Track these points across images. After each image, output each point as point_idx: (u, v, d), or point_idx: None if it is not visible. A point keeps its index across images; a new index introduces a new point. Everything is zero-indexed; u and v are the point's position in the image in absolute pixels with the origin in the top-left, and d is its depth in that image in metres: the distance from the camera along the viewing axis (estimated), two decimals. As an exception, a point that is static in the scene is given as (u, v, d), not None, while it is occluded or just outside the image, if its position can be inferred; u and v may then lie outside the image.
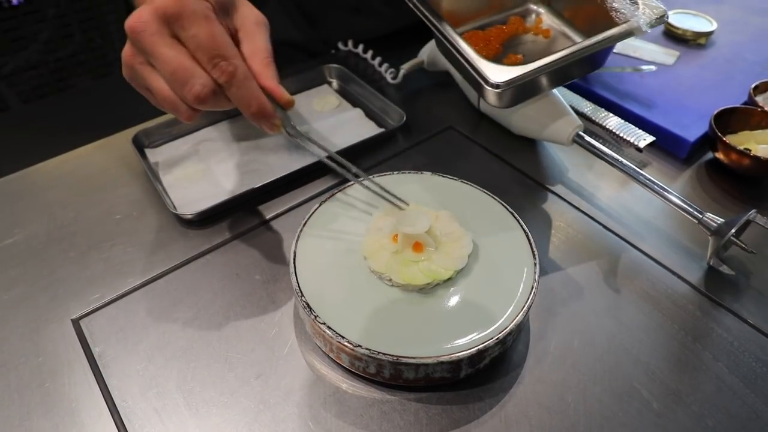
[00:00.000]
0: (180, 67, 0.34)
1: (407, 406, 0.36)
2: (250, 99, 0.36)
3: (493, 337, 0.35)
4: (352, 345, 0.34)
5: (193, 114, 0.37)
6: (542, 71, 0.47)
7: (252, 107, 0.37)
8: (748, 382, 0.38)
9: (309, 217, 0.43)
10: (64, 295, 0.43)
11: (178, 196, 0.50)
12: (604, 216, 0.50)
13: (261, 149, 0.55)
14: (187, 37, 0.35)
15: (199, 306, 0.42)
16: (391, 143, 0.58)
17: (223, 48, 0.35)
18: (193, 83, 0.34)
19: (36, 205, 0.50)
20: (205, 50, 0.34)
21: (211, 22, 0.35)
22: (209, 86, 0.35)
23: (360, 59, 0.71)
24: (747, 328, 0.41)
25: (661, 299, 0.43)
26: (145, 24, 0.34)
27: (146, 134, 0.56)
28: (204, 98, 0.35)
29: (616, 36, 0.49)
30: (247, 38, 0.38)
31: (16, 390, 0.37)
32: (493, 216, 0.44)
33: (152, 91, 0.36)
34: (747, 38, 0.75)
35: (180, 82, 0.34)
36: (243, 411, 0.36)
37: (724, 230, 0.43)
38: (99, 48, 1.81)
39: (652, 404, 0.37)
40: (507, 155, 0.57)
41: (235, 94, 0.36)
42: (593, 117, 0.58)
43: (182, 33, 0.35)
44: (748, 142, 0.54)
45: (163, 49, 0.34)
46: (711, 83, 0.65)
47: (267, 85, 0.38)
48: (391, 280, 0.38)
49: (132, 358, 0.39)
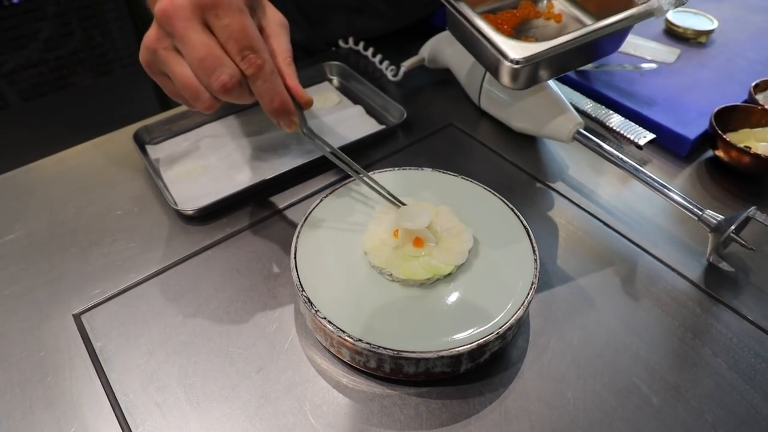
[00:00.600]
0: (209, 55, 0.34)
1: (407, 400, 0.36)
2: (274, 94, 0.37)
3: (493, 332, 0.35)
4: (352, 339, 0.35)
5: (213, 104, 0.37)
6: (561, 49, 0.46)
7: (275, 102, 0.37)
8: (747, 378, 0.38)
9: (309, 213, 0.43)
10: (66, 290, 0.43)
11: (179, 193, 0.50)
12: (605, 213, 0.50)
13: (261, 146, 0.56)
14: (221, 26, 0.35)
15: (200, 301, 0.42)
16: (392, 140, 0.58)
17: (254, 41, 0.35)
18: (220, 72, 0.34)
19: (37, 202, 0.50)
20: (236, 41, 0.35)
21: (245, 14, 0.35)
22: (236, 77, 0.35)
23: (360, 57, 0.71)
24: (746, 325, 0.42)
25: (661, 296, 0.43)
26: (178, 9, 0.34)
27: (147, 131, 0.56)
28: (230, 88, 0.35)
29: (635, 16, 0.48)
30: (272, 37, 0.39)
31: (18, 384, 0.37)
32: (493, 212, 0.44)
33: (173, 77, 0.36)
34: (748, 36, 0.75)
35: (207, 70, 0.34)
36: (244, 405, 0.36)
37: (723, 227, 0.43)
38: (99, 46, 1.81)
39: (652, 399, 0.37)
40: (507, 152, 0.57)
41: (261, 87, 0.36)
42: (594, 114, 0.58)
43: (215, 22, 0.35)
44: (748, 139, 0.55)
45: (194, 35, 0.34)
46: (711, 81, 0.65)
47: (289, 83, 0.38)
48: (392, 275, 0.38)
49: (133, 352, 0.39)
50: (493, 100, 0.58)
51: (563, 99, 0.54)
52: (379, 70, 0.68)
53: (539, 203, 0.52)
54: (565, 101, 0.53)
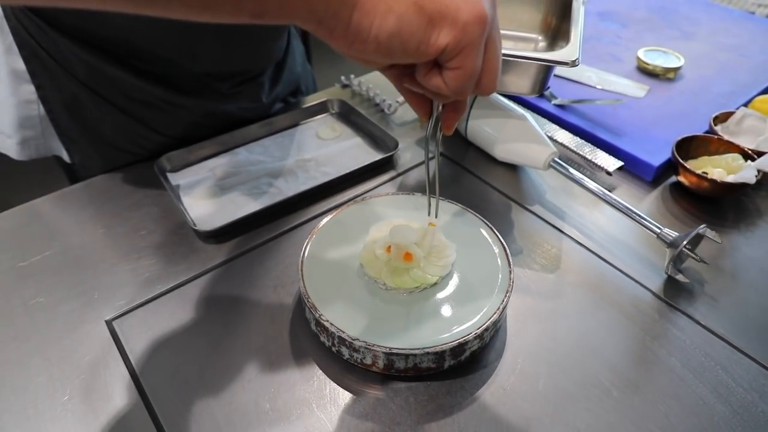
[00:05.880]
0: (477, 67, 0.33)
1: (399, 393, 0.42)
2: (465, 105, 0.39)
3: (471, 332, 0.41)
4: (351, 339, 0.40)
5: None
6: None
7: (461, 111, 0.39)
8: (698, 374, 0.44)
9: (315, 231, 0.49)
10: (98, 300, 0.49)
11: (198, 214, 0.56)
12: (576, 232, 0.56)
13: (271, 173, 0.62)
14: (496, 39, 0.34)
15: (217, 309, 0.48)
16: (387, 168, 0.65)
17: None
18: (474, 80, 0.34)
19: (71, 222, 0.57)
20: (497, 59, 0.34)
21: None
22: None
23: (359, 93, 0.78)
24: (699, 329, 0.47)
25: (625, 304, 0.49)
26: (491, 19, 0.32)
27: (168, 159, 0.62)
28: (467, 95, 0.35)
29: None
30: None
31: (58, 380, 0.43)
32: (475, 231, 0.50)
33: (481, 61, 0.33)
34: (713, 72, 0.82)
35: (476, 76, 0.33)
36: (256, 397, 0.41)
37: (678, 243, 0.49)
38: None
39: (613, 392, 0.42)
40: (490, 178, 0.63)
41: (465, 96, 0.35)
42: (568, 144, 0.65)
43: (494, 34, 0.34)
44: (706, 166, 0.61)
45: None
46: (677, 114, 0.72)
47: None
48: (385, 285, 0.44)
49: (159, 353, 0.44)
50: (478, 132, 0.65)
51: (540, 131, 0.60)
52: (376, 105, 0.75)
53: (518, 224, 0.58)
54: (542, 133, 0.60)
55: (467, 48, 0.31)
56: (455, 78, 0.32)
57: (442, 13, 0.30)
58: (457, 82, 0.33)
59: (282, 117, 0.70)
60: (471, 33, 0.30)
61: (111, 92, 0.59)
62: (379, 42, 0.30)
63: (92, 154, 0.63)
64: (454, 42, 0.30)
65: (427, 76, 0.33)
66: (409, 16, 0.29)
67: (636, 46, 0.85)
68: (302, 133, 0.69)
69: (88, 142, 0.62)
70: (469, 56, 0.31)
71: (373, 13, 0.29)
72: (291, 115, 0.70)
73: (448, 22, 0.30)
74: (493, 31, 0.33)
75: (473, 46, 0.31)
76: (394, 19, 0.29)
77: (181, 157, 0.63)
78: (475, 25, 0.30)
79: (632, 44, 0.87)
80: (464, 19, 0.30)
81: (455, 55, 0.31)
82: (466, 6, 0.30)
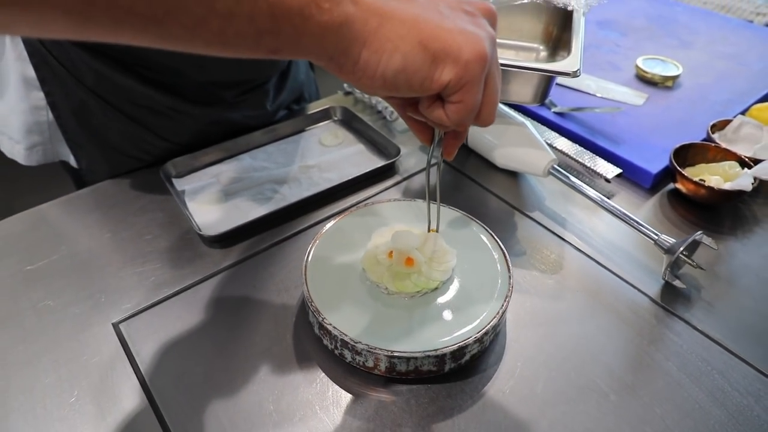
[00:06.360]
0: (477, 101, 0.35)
1: (400, 396, 0.43)
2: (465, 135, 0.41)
3: (471, 336, 0.41)
4: (353, 342, 0.41)
5: None
6: None
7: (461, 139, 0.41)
8: (694, 378, 0.44)
9: (318, 236, 0.50)
10: (105, 303, 0.50)
11: (203, 219, 0.57)
12: (575, 238, 0.57)
13: (275, 179, 0.63)
14: (495, 75, 0.35)
15: (221, 312, 0.49)
16: (389, 174, 0.66)
17: None
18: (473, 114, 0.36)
19: (78, 227, 0.58)
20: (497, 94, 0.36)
21: None
22: None
23: (362, 100, 0.79)
24: (696, 334, 0.48)
25: (622, 309, 0.50)
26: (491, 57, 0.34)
27: (174, 165, 0.63)
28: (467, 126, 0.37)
29: None
30: None
31: (66, 381, 0.43)
32: (475, 236, 0.51)
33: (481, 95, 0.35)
34: (711, 80, 0.83)
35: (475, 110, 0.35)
36: (261, 399, 0.42)
37: (674, 249, 0.50)
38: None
39: (610, 396, 0.43)
40: (491, 185, 0.64)
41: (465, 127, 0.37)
42: (568, 152, 0.66)
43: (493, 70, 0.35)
44: (703, 173, 0.62)
45: None
46: (675, 122, 0.73)
47: None
48: (387, 289, 0.45)
49: (165, 355, 0.45)
50: (478, 139, 0.66)
51: (539, 139, 0.61)
52: (378, 113, 0.76)
53: (518, 230, 0.58)
54: (542, 141, 0.61)
55: (468, 84, 0.33)
56: (457, 111, 0.34)
57: (446, 52, 0.32)
58: (458, 114, 0.34)
59: (285, 124, 0.71)
60: (472, 70, 0.32)
61: (118, 99, 0.61)
62: (385, 78, 0.32)
63: (99, 159, 0.64)
64: (456, 78, 0.32)
65: (430, 108, 0.36)
66: (414, 54, 0.31)
67: (635, 54, 0.86)
68: (305, 140, 0.70)
69: (95, 147, 0.63)
70: (470, 92, 0.33)
71: (381, 51, 0.31)
72: (294, 122, 0.72)
73: (450, 60, 0.32)
74: (492, 68, 0.35)
75: (474, 83, 0.33)
76: (400, 57, 0.31)
77: (186, 163, 0.64)
78: (476, 63, 0.32)
79: (631, 53, 0.89)
80: (466, 57, 0.32)
81: (457, 91, 0.33)
82: (468, 45, 0.32)
